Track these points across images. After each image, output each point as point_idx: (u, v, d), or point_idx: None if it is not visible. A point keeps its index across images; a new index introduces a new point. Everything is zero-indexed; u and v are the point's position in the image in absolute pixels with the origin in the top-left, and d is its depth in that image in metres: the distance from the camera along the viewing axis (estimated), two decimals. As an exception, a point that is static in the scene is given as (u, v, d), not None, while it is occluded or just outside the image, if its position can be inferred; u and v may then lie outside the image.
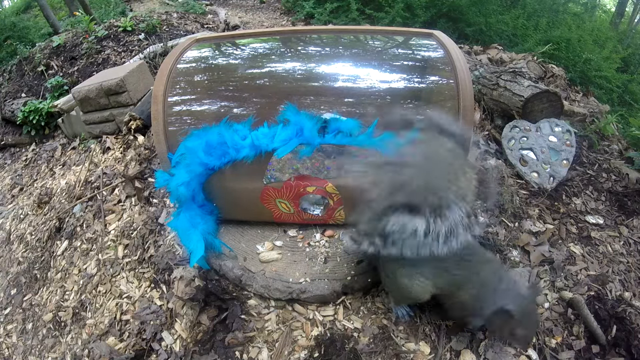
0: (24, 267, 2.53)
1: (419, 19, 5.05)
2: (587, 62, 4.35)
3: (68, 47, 4.44)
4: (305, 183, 1.69)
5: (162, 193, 2.37)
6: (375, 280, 1.70)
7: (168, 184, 1.67)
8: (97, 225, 2.39)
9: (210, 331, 1.65)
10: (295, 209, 1.79)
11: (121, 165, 2.75)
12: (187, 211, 1.71)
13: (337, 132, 1.67)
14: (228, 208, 1.84)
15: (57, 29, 6.55)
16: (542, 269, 1.84)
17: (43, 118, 3.68)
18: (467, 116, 1.60)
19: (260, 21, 6.33)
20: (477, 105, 2.75)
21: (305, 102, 1.79)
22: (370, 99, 1.80)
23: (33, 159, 3.67)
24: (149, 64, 3.62)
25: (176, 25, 4.87)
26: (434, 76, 1.87)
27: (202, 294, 1.70)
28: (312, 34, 2.09)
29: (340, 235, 1.85)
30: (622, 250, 1.98)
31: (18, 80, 4.48)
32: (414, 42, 1.97)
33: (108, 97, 3.05)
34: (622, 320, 1.60)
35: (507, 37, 4.87)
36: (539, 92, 2.37)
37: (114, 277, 2.08)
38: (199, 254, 1.62)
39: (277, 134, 1.65)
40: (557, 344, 1.58)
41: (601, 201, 2.25)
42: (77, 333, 1.98)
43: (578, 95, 3.28)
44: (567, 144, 2.37)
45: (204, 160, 1.64)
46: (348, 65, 1.94)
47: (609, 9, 9.56)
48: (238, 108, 1.84)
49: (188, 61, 1.92)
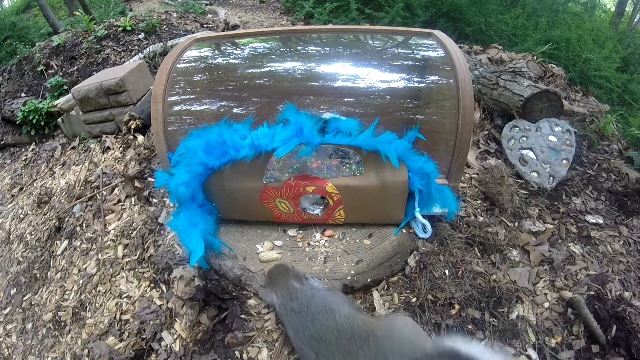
0: (24, 267, 2.52)
1: (419, 18, 5.05)
2: (587, 62, 4.34)
3: (68, 47, 4.44)
4: (305, 183, 1.69)
5: (162, 193, 2.37)
6: (375, 280, 1.70)
7: (168, 184, 1.67)
8: (97, 225, 2.39)
9: (210, 331, 1.65)
10: (295, 209, 1.79)
11: (121, 165, 2.75)
12: (187, 211, 1.71)
13: (337, 132, 1.67)
14: (228, 208, 1.84)
15: (57, 29, 6.56)
16: (542, 269, 1.84)
17: (43, 118, 3.68)
18: (467, 116, 1.60)
19: (260, 21, 6.33)
20: (477, 105, 2.75)
21: (305, 102, 1.80)
22: (370, 99, 1.80)
23: (33, 159, 3.67)
24: (149, 64, 3.62)
25: (176, 25, 4.87)
26: (434, 76, 1.88)
27: (202, 294, 1.70)
28: (312, 34, 2.09)
29: (340, 235, 1.85)
30: (622, 250, 1.98)
31: (18, 80, 4.48)
32: (414, 42, 1.97)
33: (108, 97, 3.05)
34: (622, 320, 1.60)
35: (507, 37, 4.87)
36: (539, 92, 2.37)
37: (114, 277, 2.08)
38: (199, 254, 1.62)
39: (277, 134, 1.65)
40: (557, 344, 1.58)
41: (601, 201, 2.25)
42: (77, 333, 1.97)
43: (578, 95, 3.28)
44: (567, 143, 2.37)
45: (204, 160, 1.64)
46: (348, 65, 1.94)
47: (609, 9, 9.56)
48: (238, 108, 1.85)
49: (188, 61, 1.92)
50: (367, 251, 1.76)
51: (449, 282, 1.71)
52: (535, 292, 1.76)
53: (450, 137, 1.67)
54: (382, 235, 1.81)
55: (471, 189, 2.21)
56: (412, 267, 1.76)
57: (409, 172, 1.66)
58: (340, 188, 1.69)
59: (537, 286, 1.78)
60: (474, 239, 1.89)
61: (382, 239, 1.80)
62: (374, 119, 1.65)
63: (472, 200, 2.14)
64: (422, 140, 1.71)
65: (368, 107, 1.81)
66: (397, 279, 1.76)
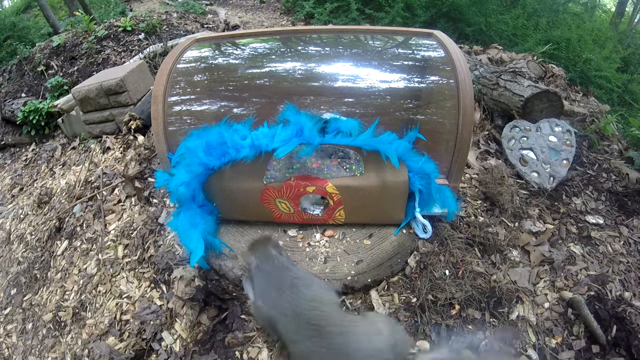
0: (24, 267, 2.52)
1: (419, 18, 5.05)
2: (587, 62, 4.34)
3: (68, 47, 4.44)
4: (305, 183, 1.69)
5: (162, 193, 2.37)
6: (375, 280, 1.70)
7: (168, 184, 1.67)
8: (97, 225, 2.39)
9: (210, 331, 1.65)
10: (295, 209, 1.79)
11: (121, 165, 2.75)
12: (187, 211, 1.71)
13: (337, 132, 1.67)
14: (228, 208, 1.84)
15: (57, 29, 6.56)
16: (542, 269, 1.84)
17: (43, 118, 3.68)
18: (467, 116, 1.60)
19: (260, 21, 6.33)
20: (477, 105, 2.75)
21: (305, 102, 1.80)
22: (370, 99, 1.80)
23: (33, 159, 3.67)
24: (149, 64, 3.62)
25: (176, 25, 4.87)
26: (434, 76, 1.88)
27: (202, 294, 1.70)
28: (312, 34, 2.09)
29: (340, 235, 1.85)
30: (622, 250, 1.98)
31: (18, 80, 4.48)
32: (414, 42, 1.97)
33: (108, 97, 3.05)
34: (622, 320, 1.60)
35: (507, 37, 4.87)
36: (539, 92, 2.37)
37: (114, 277, 2.08)
38: (199, 254, 1.62)
39: (277, 134, 1.65)
40: (557, 344, 1.58)
41: (601, 201, 2.25)
42: (77, 333, 1.97)
43: (578, 95, 3.28)
44: (567, 143, 2.37)
45: (204, 160, 1.64)
46: (348, 65, 1.94)
47: (609, 9, 9.55)
48: (238, 108, 1.85)
49: (188, 61, 1.92)
50: (367, 251, 1.76)
51: (449, 282, 1.71)
52: (535, 292, 1.76)
53: (450, 137, 1.67)
54: (382, 235, 1.81)
55: (471, 189, 2.21)
56: (412, 267, 1.76)
57: (409, 172, 1.66)
58: (340, 188, 1.69)
59: (537, 286, 1.78)
60: (474, 239, 1.89)
61: (382, 239, 1.80)
62: (374, 119, 1.65)
63: (472, 200, 2.14)
64: (422, 140, 1.71)
65: (368, 107, 1.81)
66: (397, 279, 1.76)
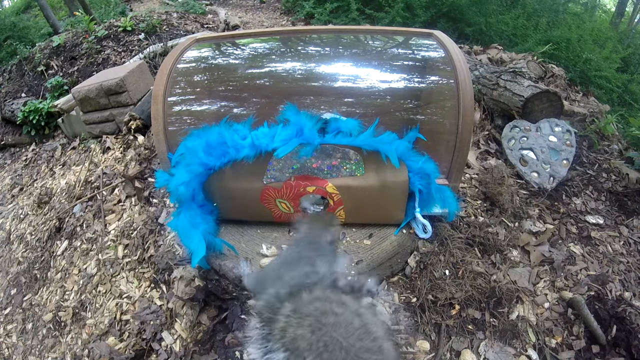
0: (24, 267, 2.52)
1: (419, 19, 5.05)
2: (587, 62, 4.34)
3: (68, 47, 4.44)
4: (305, 183, 1.69)
5: (162, 193, 2.37)
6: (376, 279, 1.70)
7: (168, 184, 1.67)
8: (97, 225, 2.39)
9: (210, 331, 1.65)
10: (295, 209, 1.78)
11: (121, 165, 2.75)
12: (187, 211, 1.71)
13: (337, 132, 1.67)
14: (228, 208, 1.84)
15: (57, 29, 6.56)
16: (542, 269, 1.84)
17: (43, 118, 3.68)
18: (467, 116, 1.60)
19: (260, 21, 6.33)
20: (477, 105, 2.75)
21: (305, 102, 1.80)
22: (370, 99, 1.80)
23: (33, 159, 3.67)
24: (149, 64, 3.62)
25: (176, 25, 4.87)
26: (434, 76, 1.88)
27: (202, 294, 1.70)
28: (312, 34, 2.09)
29: (340, 235, 1.85)
30: (622, 250, 1.98)
31: (18, 80, 4.48)
32: (414, 42, 1.97)
33: (108, 97, 3.05)
34: (622, 320, 1.60)
35: (507, 37, 4.87)
36: (539, 92, 2.37)
37: (114, 277, 2.08)
38: (201, 254, 1.61)
39: (277, 134, 1.65)
40: (557, 344, 1.58)
41: (601, 201, 2.25)
42: (77, 333, 1.97)
43: (578, 95, 3.28)
44: (567, 143, 2.37)
45: (204, 160, 1.64)
46: (348, 65, 1.94)
47: (609, 9, 9.55)
48: (238, 108, 1.85)
49: (188, 61, 1.92)
50: (367, 251, 1.75)
51: (449, 282, 1.71)
52: (535, 292, 1.76)
53: (450, 137, 1.67)
54: (382, 235, 1.81)
55: (471, 189, 2.21)
56: (412, 267, 1.76)
57: (409, 172, 1.66)
58: (340, 188, 1.69)
59: (537, 286, 1.78)
60: (474, 239, 1.89)
61: (382, 239, 1.80)
62: (374, 119, 1.65)
63: (472, 200, 2.14)
64: (422, 140, 1.71)
65: (368, 107, 1.81)
66: (397, 279, 1.76)
